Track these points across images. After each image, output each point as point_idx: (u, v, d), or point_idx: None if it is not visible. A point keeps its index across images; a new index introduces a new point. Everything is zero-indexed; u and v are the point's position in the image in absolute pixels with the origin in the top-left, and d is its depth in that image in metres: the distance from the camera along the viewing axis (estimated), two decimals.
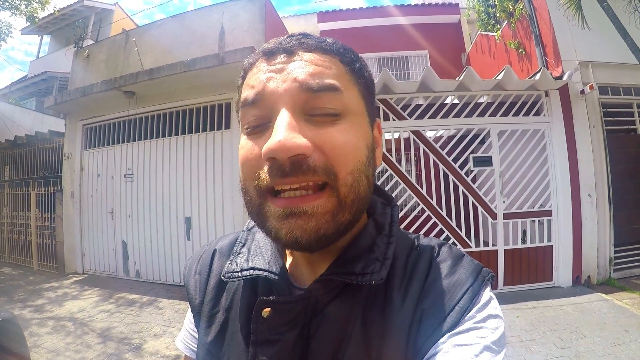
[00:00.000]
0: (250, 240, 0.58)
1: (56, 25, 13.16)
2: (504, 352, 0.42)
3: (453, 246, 0.55)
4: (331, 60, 0.47)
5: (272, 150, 0.39)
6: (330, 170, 0.41)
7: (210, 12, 5.94)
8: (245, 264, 0.53)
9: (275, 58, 0.46)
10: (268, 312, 0.46)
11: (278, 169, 0.41)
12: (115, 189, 6.25)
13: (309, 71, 0.44)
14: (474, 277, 0.48)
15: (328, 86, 0.44)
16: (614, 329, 3.43)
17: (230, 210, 5.31)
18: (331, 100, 0.44)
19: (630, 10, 4.59)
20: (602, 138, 4.93)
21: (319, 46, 0.47)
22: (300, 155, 0.40)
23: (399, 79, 5.13)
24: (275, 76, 0.44)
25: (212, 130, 5.59)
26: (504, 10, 6.29)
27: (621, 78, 5.07)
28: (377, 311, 0.46)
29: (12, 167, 7.83)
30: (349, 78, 0.47)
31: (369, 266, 0.47)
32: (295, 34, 0.49)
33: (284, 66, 0.45)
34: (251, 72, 0.48)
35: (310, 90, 0.43)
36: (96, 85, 5.84)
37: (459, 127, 4.96)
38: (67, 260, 6.53)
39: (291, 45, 0.46)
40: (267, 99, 0.44)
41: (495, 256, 4.71)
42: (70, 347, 3.48)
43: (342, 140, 0.43)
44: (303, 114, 0.43)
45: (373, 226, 0.52)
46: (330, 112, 0.44)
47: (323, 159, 0.42)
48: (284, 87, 0.43)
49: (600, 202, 4.84)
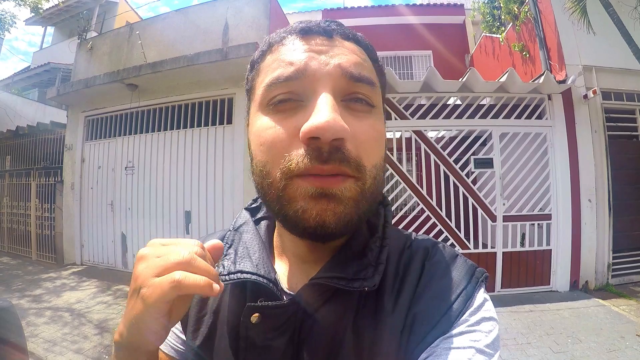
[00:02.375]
0: (237, 241, 0.55)
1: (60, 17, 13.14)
2: (498, 354, 0.42)
3: (447, 246, 0.54)
4: (363, 53, 0.47)
5: (318, 129, 0.38)
6: (359, 163, 0.41)
7: (215, 6, 5.92)
8: (232, 266, 0.50)
9: (313, 38, 0.45)
10: (257, 318, 0.45)
11: (318, 152, 0.39)
12: (116, 182, 6.26)
13: (351, 59, 0.44)
14: (467, 279, 0.47)
15: (367, 79, 0.44)
16: (610, 334, 3.43)
17: (230, 204, 5.32)
18: (368, 93, 0.45)
19: (635, 16, 4.57)
20: (604, 143, 4.92)
21: (354, 37, 0.48)
22: (340, 140, 0.39)
23: (402, 79, 5.10)
24: (317, 57, 0.43)
25: (213, 125, 5.60)
26: (509, 12, 6.26)
27: (625, 84, 5.04)
28: (369, 316, 0.45)
29: (13, 157, 7.82)
30: (376, 75, 0.48)
31: (362, 271, 0.45)
32: (325, 20, 0.49)
33: (325, 48, 0.44)
34: (283, 48, 0.46)
35: (352, 78, 0.43)
36: (99, 78, 5.84)
37: (460, 128, 4.95)
38: (66, 251, 6.54)
39: (331, 30, 0.46)
40: (308, 78, 0.42)
41: (493, 258, 4.71)
42: (67, 337, 3.49)
43: (374, 134, 0.44)
44: (340, 99, 0.43)
45: (366, 227, 0.51)
46: (367, 102, 0.44)
47: (355, 149, 0.41)
48: (327, 70, 0.42)
49: (600, 207, 4.84)
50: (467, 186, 4.79)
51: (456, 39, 9.80)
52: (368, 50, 0.49)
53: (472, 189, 4.79)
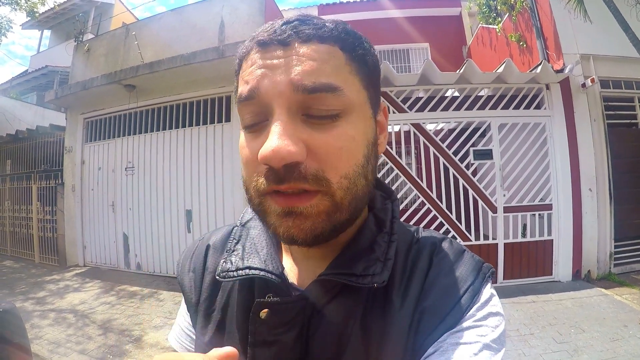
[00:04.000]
0: (245, 237, 0.56)
1: (56, 20, 13.08)
2: (504, 350, 0.42)
3: (454, 241, 0.54)
4: (330, 49, 0.43)
5: (265, 158, 0.38)
6: (321, 177, 0.40)
7: (210, 5, 5.90)
8: (241, 262, 0.51)
9: (269, 51, 0.42)
10: (266, 313, 0.45)
11: (274, 174, 0.40)
12: (116, 182, 6.28)
13: (304, 69, 0.40)
14: (474, 274, 0.47)
15: (324, 86, 0.40)
16: (613, 324, 3.43)
17: (230, 202, 5.34)
18: (329, 100, 0.41)
19: (631, 3, 4.54)
20: (603, 132, 4.91)
21: (317, 34, 0.42)
22: (294, 162, 0.39)
23: (400, 72, 5.10)
24: (269, 73, 0.41)
25: (212, 123, 5.60)
26: (505, 2, 6.23)
27: (623, 71, 5.02)
28: (377, 311, 0.46)
29: (13, 161, 7.85)
30: (350, 68, 0.44)
31: (370, 267, 0.45)
32: (292, 19, 0.44)
33: (278, 61, 0.41)
34: (245, 64, 0.45)
35: (306, 91, 0.40)
36: (96, 79, 5.84)
37: (459, 120, 4.95)
38: (69, 253, 6.57)
39: (287, 36, 0.42)
40: (262, 98, 0.41)
41: (495, 250, 4.71)
42: (71, 338, 3.52)
43: (337, 146, 0.41)
44: (300, 113, 0.41)
45: (373, 222, 0.51)
46: (327, 115, 0.41)
47: (315, 165, 0.40)
48: (278, 88, 0.40)
49: (601, 196, 4.83)
50: (467, 178, 4.79)
51: (453, 30, 9.75)
52: (340, 40, 0.44)
53: (472, 180, 4.78)
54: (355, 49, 0.45)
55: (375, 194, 0.55)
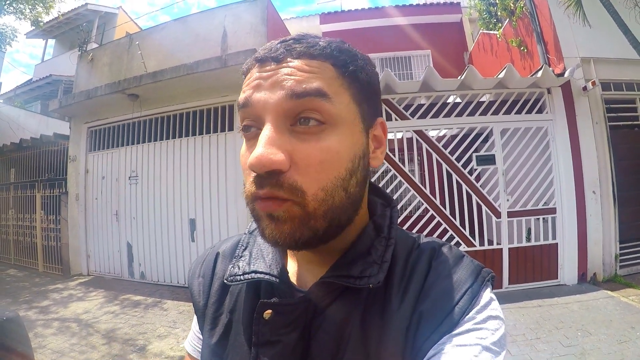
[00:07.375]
0: (252, 244, 0.59)
1: (61, 29, 13.22)
2: (505, 353, 0.42)
3: (453, 247, 0.55)
4: (321, 65, 0.45)
5: (251, 165, 0.41)
6: (296, 188, 0.42)
7: (213, 14, 5.96)
8: (247, 267, 0.54)
9: (264, 66, 0.46)
10: (269, 314, 0.47)
11: (259, 180, 0.43)
12: (120, 191, 6.29)
13: (294, 78, 0.43)
14: (473, 277, 0.48)
15: (314, 91, 0.43)
16: (620, 326, 3.41)
17: (234, 211, 5.33)
18: (318, 105, 0.43)
19: (630, 5, 4.57)
20: (606, 134, 4.91)
21: (307, 52, 0.45)
22: (276, 170, 0.41)
23: (402, 79, 5.12)
24: (262, 83, 0.45)
25: (215, 132, 5.63)
26: (505, 8, 6.27)
27: (623, 74, 5.04)
28: (376, 313, 0.47)
29: (17, 169, 7.89)
30: (341, 82, 0.46)
31: (367, 269, 0.47)
32: (288, 38, 0.48)
33: (271, 74, 0.45)
34: (246, 78, 0.49)
35: (294, 96, 0.42)
36: (100, 88, 5.89)
37: (461, 126, 4.95)
38: (72, 262, 6.56)
39: (279, 54, 0.45)
40: (255, 106, 0.44)
41: (499, 255, 4.69)
42: (75, 348, 3.50)
43: (319, 159, 0.43)
44: (287, 124, 0.43)
45: (372, 228, 0.52)
46: (314, 124, 0.43)
47: (292, 176, 0.42)
48: (268, 96, 0.43)
49: (605, 198, 4.82)
50: (470, 183, 4.78)
51: (454, 37, 9.83)
52: (332, 57, 0.46)
53: (476, 186, 4.78)
54: (347, 66, 0.47)
55: (376, 202, 0.57)
